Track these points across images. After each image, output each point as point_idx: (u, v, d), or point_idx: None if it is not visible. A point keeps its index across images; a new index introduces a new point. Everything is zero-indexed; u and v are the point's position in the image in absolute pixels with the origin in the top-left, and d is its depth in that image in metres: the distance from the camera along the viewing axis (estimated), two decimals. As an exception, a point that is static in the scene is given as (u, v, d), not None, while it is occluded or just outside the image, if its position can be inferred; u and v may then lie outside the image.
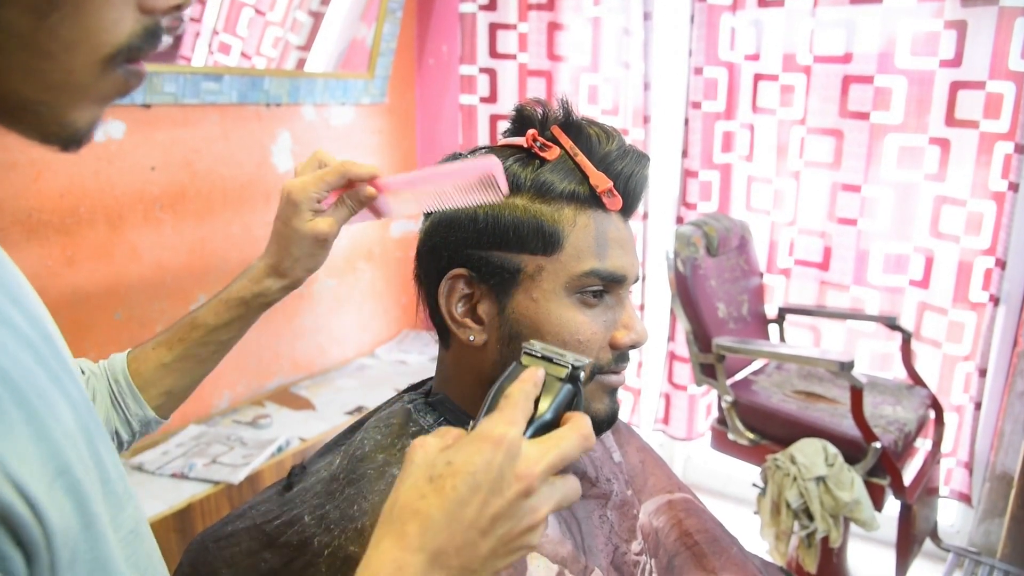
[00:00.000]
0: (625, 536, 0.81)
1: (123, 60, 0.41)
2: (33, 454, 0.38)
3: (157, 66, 1.92)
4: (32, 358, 0.42)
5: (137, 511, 0.51)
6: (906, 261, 2.15)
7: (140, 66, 0.43)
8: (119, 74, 0.42)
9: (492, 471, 0.46)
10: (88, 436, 0.45)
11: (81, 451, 0.43)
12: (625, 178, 0.71)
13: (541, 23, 2.43)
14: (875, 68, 2.06)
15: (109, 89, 0.42)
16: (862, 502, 1.77)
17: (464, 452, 0.47)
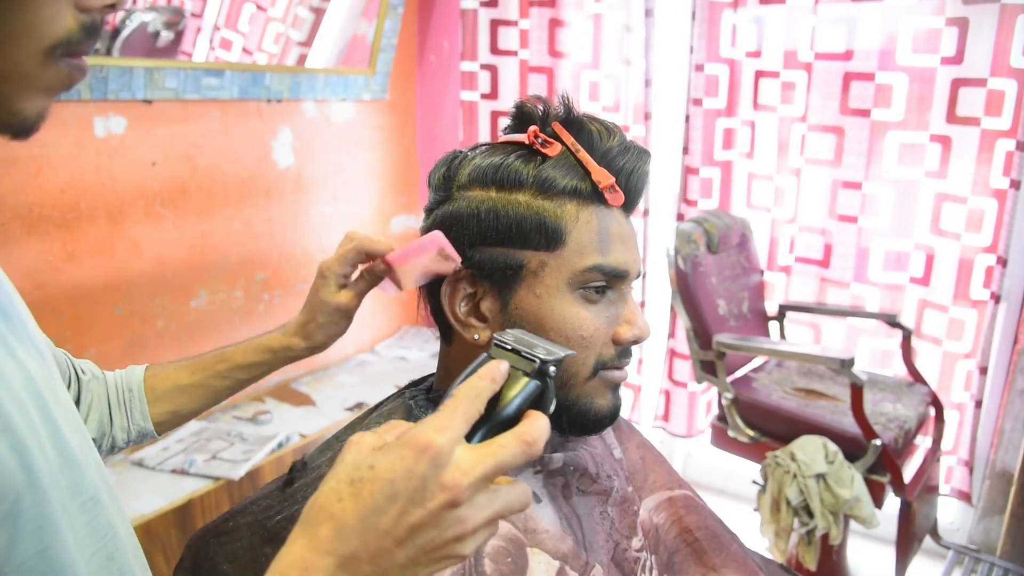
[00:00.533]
0: (626, 532, 0.82)
1: (63, 53, 0.45)
2: None
3: (158, 62, 1.92)
4: None
5: (102, 480, 0.55)
6: (907, 258, 2.15)
7: (81, 61, 0.48)
8: (61, 67, 0.46)
9: (413, 480, 0.44)
10: (42, 404, 0.49)
11: (30, 416, 0.46)
12: (627, 174, 0.71)
13: (542, 19, 2.43)
14: (876, 65, 2.06)
15: (53, 80, 0.46)
16: (862, 499, 1.77)
17: (388, 458, 0.45)
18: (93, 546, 0.52)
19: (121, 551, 0.56)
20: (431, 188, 0.75)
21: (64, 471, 0.50)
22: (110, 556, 0.54)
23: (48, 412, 0.49)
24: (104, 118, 1.84)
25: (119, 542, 0.56)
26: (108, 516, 0.55)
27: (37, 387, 0.49)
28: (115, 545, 0.55)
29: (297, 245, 2.41)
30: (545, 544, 0.71)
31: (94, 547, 0.52)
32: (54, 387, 0.53)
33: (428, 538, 0.44)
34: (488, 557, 0.67)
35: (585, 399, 0.71)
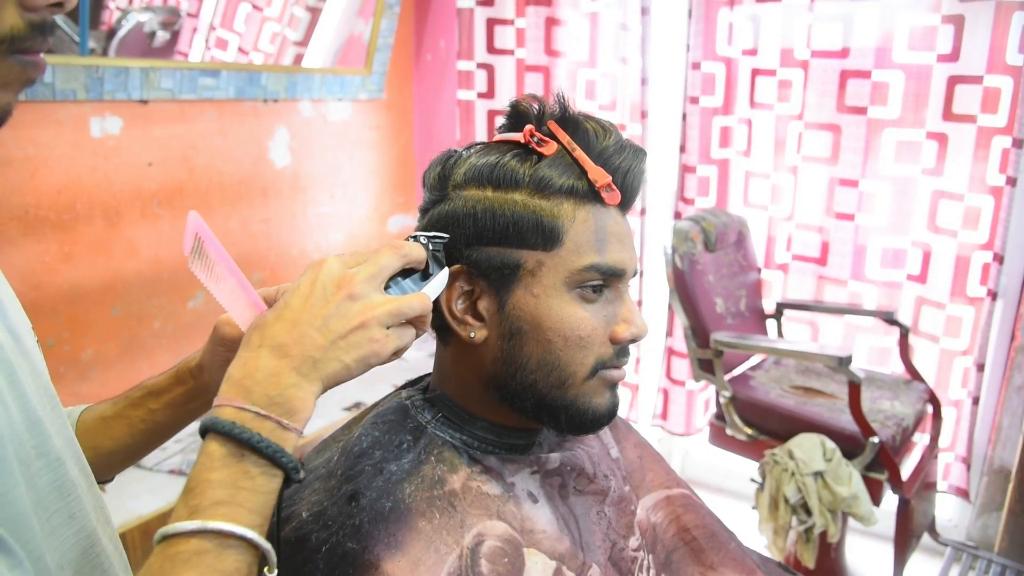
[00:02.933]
0: (623, 532, 0.82)
1: (9, 51, 0.47)
2: None
3: (154, 62, 1.92)
4: None
5: (69, 446, 0.60)
6: (904, 256, 2.15)
7: (36, 57, 0.49)
8: (12, 63, 0.48)
9: (316, 284, 0.56)
10: (8, 371, 0.53)
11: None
12: (623, 172, 0.70)
13: (539, 18, 2.43)
14: (873, 63, 2.06)
15: (7, 76, 0.48)
16: (860, 497, 1.77)
17: (296, 282, 0.58)
18: (56, 504, 0.56)
19: (82, 512, 0.59)
20: (426, 188, 0.74)
21: (30, 432, 0.54)
22: (71, 515, 0.58)
23: (15, 378, 0.53)
24: (100, 119, 1.84)
25: (80, 504, 0.59)
26: (72, 478, 0.58)
27: (5, 356, 0.53)
28: (77, 505, 0.58)
29: (294, 245, 2.41)
30: (542, 544, 0.71)
31: (56, 505, 0.56)
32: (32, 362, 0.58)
33: (338, 325, 0.55)
34: (485, 558, 0.67)
35: (583, 398, 0.71)
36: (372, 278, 0.58)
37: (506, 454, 0.74)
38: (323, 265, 0.57)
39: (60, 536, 0.56)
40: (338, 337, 0.55)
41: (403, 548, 0.63)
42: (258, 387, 0.53)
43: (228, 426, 0.51)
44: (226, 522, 0.49)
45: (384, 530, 0.63)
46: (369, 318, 0.56)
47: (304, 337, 0.54)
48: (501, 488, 0.72)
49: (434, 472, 0.69)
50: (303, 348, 0.54)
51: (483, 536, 0.68)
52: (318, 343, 0.54)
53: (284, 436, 0.53)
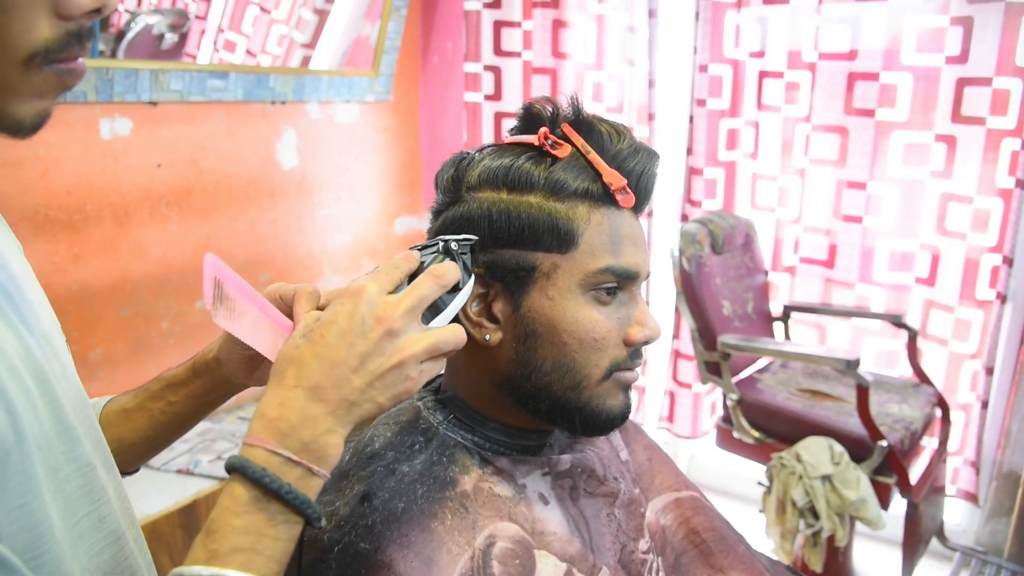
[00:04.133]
0: (632, 534, 0.81)
1: (45, 61, 0.46)
2: None
3: (164, 64, 1.93)
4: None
5: (99, 450, 0.60)
6: (912, 259, 2.15)
7: (74, 64, 0.48)
8: (48, 73, 0.47)
9: (355, 317, 0.54)
10: (41, 377, 0.52)
11: (26, 384, 0.50)
12: (637, 175, 0.71)
13: (546, 20, 2.43)
14: (881, 65, 2.05)
15: (42, 85, 0.47)
16: (868, 501, 1.77)
17: (331, 308, 0.56)
18: (85, 508, 0.56)
19: (112, 517, 0.59)
20: (439, 190, 0.74)
21: (60, 438, 0.53)
22: (101, 519, 0.58)
23: (47, 384, 0.53)
24: (110, 120, 1.85)
25: (110, 508, 0.59)
26: (102, 483, 0.58)
27: (37, 361, 0.52)
28: (107, 510, 0.58)
29: (301, 246, 2.41)
30: (552, 546, 0.71)
31: (86, 509, 0.56)
32: (63, 365, 0.58)
33: (375, 365, 0.54)
34: (496, 559, 0.67)
35: (597, 400, 0.71)
36: (411, 311, 0.56)
37: (518, 455, 0.74)
38: (362, 296, 0.55)
39: (89, 541, 0.56)
40: (375, 378, 0.54)
41: (415, 549, 0.63)
42: (293, 431, 0.52)
43: (259, 473, 0.51)
44: (242, 572, 0.49)
45: (397, 531, 0.63)
46: (407, 356, 0.55)
47: (341, 380, 0.53)
48: (512, 489, 0.72)
49: (446, 473, 0.69)
50: (340, 392, 0.53)
51: (495, 537, 0.68)
52: (355, 386, 0.53)
53: (311, 483, 0.53)
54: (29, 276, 0.61)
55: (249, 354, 0.71)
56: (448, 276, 0.60)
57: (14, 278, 0.55)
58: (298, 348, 0.55)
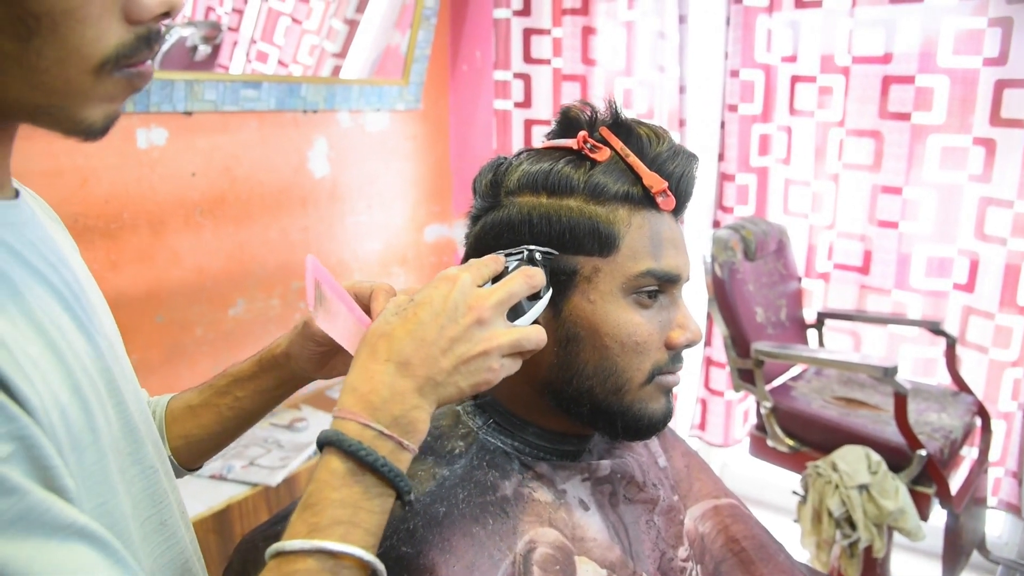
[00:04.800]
0: (672, 542, 0.80)
1: (115, 67, 0.46)
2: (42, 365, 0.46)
3: (197, 74, 1.96)
4: (60, 305, 0.51)
5: (158, 453, 0.61)
6: (950, 264, 2.10)
7: (143, 67, 0.49)
8: (118, 78, 0.47)
9: (448, 301, 0.56)
10: (109, 377, 0.54)
11: (97, 386, 0.52)
12: (676, 178, 0.70)
13: (575, 28, 2.43)
14: (916, 68, 2.02)
15: (113, 90, 0.48)
16: (907, 511, 1.73)
17: (425, 290, 0.57)
18: (148, 511, 0.58)
19: (173, 520, 0.61)
20: (477, 195, 0.74)
21: (127, 439, 0.56)
22: (163, 522, 0.59)
23: (115, 385, 0.55)
24: (146, 130, 1.88)
25: (171, 511, 0.61)
26: (163, 487, 0.60)
27: (106, 364, 0.54)
28: (168, 513, 0.60)
29: (332, 254, 2.43)
30: (593, 552, 0.71)
31: (148, 512, 0.58)
32: (123, 367, 0.59)
33: (463, 350, 0.55)
34: (537, 565, 0.66)
35: (639, 404, 0.70)
36: (501, 304, 0.58)
37: (557, 461, 0.74)
38: (457, 281, 0.57)
39: (153, 542, 0.57)
40: (461, 362, 0.55)
41: (457, 553, 0.63)
42: (384, 405, 0.53)
43: (355, 445, 0.52)
44: (343, 543, 0.49)
45: (438, 535, 0.63)
46: (493, 347, 0.56)
47: (430, 359, 0.54)
48: (552, 495, 0.71)
49: (486, 478, 0.69)
50: (428, 369, 0.54)
51: (535, 543, 0.67)
52: (442, 366, 0.55)
53: (402, 456, 0.54)
54: (89, 278, 0.62)
55: (322, 350, 0.73)
56: (537, 279, 0.61)
57: (79, 280, 0.56)
58: (389, 324, 0.56)
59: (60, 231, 0.64)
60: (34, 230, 0.53)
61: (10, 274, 0.47)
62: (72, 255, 0.60)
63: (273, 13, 2.12)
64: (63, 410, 0.47)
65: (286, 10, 2.15)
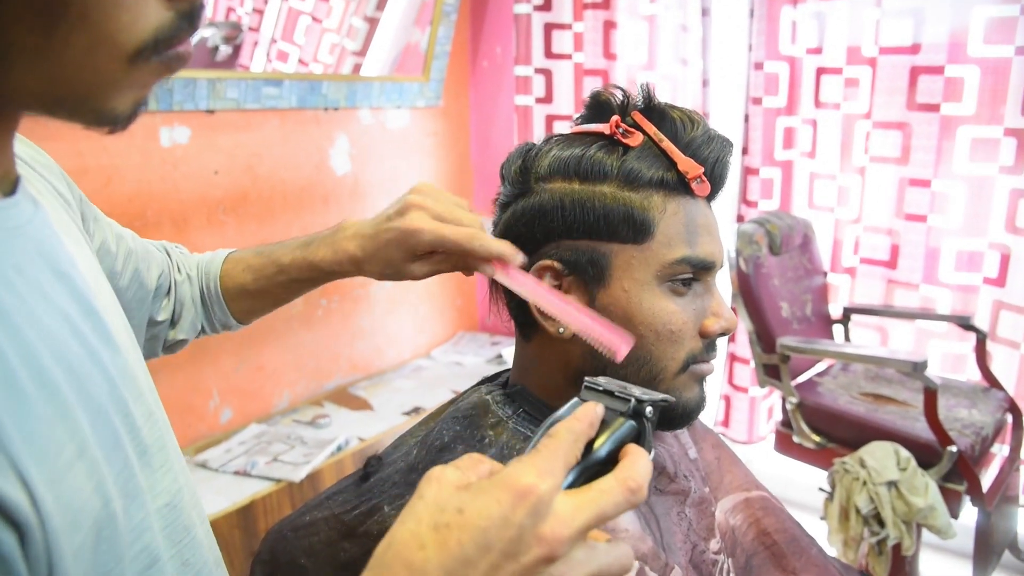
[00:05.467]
0: (703, 534, 0.79)
1: (152, 53, 0.40)
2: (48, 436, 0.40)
3: (220, 73, 1.97)
4: (69, 332, 0.44)
5: (176, 484, 0.54)
6: (980, 258, 2.07)
7: (182, 47, 0.42)
8: (155, 63, 0.41)
9: (510, 529, 0.39)
10: (123, 410, 0.48)
11: (113, 424, 0.46)
12: (711, 163, 0.69)
13: (597, 22, 2.41)
14: (945, 58, 1.99)
15: (147, 77, 0.42)
16: (937, 508, 1.70)
17: (480, 501, 0.40)
18: (169, 551, 0.52)
19: (198, 554, 0.55)
20: (506, 182, 0.73)
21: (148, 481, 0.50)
22: (186, 561, 0.54)
23: (132, 423, 0.49)
24: (169, 128, 1.89)
25: (196, 545, 0.55)
26: (184, 522, 0.54)
27: (122, 397, 0.48)
28: (191, 550, 0.55)
29: (354, 251, 2.43)
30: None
31: (170, 552, 0.52)
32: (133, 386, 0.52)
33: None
34: (567, 555, 0.65)
35: (674, 393, 0.69)
36: (585, 530, 0.41)
37: None
38: (527, 500, 0.40)
39: None
40: None
41: None
42: None
43: None
44: None
45: None
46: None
47: None
48: (583, 485, 0.70)
49: (516, 467, 0.68)
50: None
51: (565, 534, 0.66)
52: None
53: None
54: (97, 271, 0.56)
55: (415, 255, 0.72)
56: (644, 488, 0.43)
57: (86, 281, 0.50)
58: (423, 549, 0.40)
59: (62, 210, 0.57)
60: (39, 230, 0.46)
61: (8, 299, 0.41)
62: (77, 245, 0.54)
63: (293, 12, 2.13)
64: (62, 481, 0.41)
65: (306, 9, 2.15)
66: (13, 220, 0.44)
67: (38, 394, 0.40)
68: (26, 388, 0.40)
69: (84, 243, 0.58)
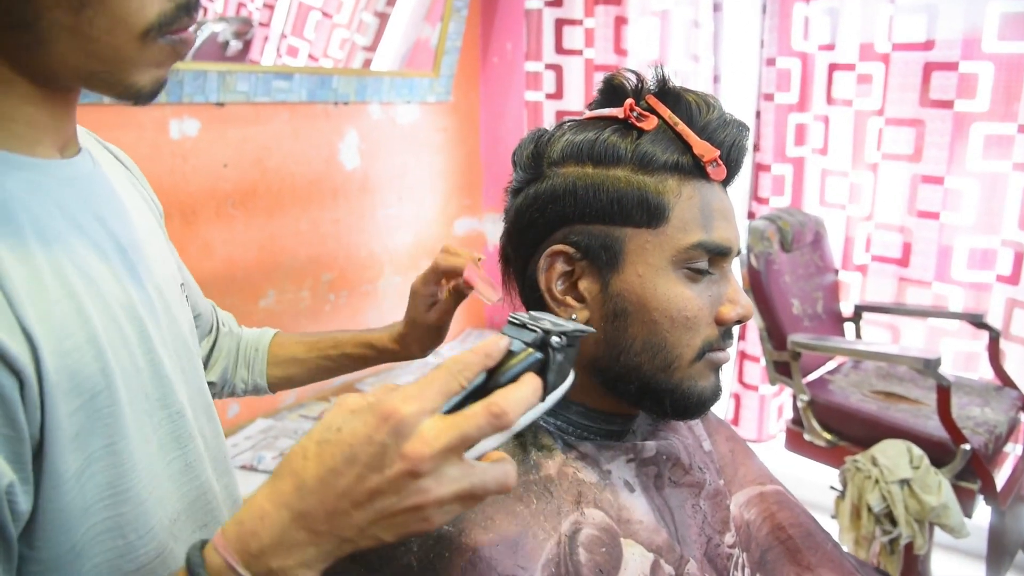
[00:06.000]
0: (718, 527, 0.78)
1: (158, 34, 0.51)
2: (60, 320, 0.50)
3: (230, 65, 1.96)
4: (97, 257, 0.55)
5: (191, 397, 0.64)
6: (993, 256, 2.05)
7: (185, 34, 0.53)
8: (162, 44, 0.52)
9: (372, 446, 0.44)
10: (140, 328, 0.57)
11: (124, 330, 0.55)
12: (727, 147, 0.68)
13: (608, 18, 2.40)
14: (959, 54, 1.97)
15: (159, 56, 0.53)
16: (951, 507, 1.68)
17: (354, 422, 0.46)
18: (173, 452, 0.60)
19: (200, 462, 0.63)
20: (517, 167, 0.73)
21: (154, 384, 0.58)
22: (188, 464, 0.62)
23: (145, 334, 0.58)
24: (179, 120, 1.88)
25: (199, 453, 0.63)
26: (190, 430, 0.62)
27: (138, 313, 0.58)
28: (194, 455, 0.62)
29: (363, 246, 2.42)
30: (639, 535, 0.68)
31: (174, 453, 0.60)
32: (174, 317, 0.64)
33: (386, 504, 0.45)
34: (582, 546, 0.64)
35: (689, 381, 0.68)
36: (448, 452, 0.45)
37: (601, 440, 0.72)
38: (389, 421, 0.44)
39: (177, 482, 0.61)
40: (382, 517, 0.45)
41: (500, 532, 0.61)
42: (262, 554, 0.45)
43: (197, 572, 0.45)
44: None
45: (480, 512, 0.61)
46: (430, 500, 0.45)
47: (339, 513, 0.45)
48: (597, 475, 0.69)
49: (529, 456, 0.67)
50: (334, 525, 0.45)
51: (580, 524, 0.65)
52: (354, 522, 0.45)
53: None
54: (154, 234, 0.67)
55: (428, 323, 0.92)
56: (511, 414, 0.46)
57: (133, 234, 0.61)
58: (305, 459, 0.46)
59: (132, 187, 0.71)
60: (89, 185, 0.58)
61: (50, 226, 0.52)
62: (139, 211, 0.66)
63: (304, 8, 2.12)
64: (67, 356, 0.50)
65: (316, 4, 2.15)
66: (67, 174, 0.56)
67: (59, 291, 0.50)
68: (47, 283, 0.50)
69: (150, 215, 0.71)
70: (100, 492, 0.52)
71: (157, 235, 0.69)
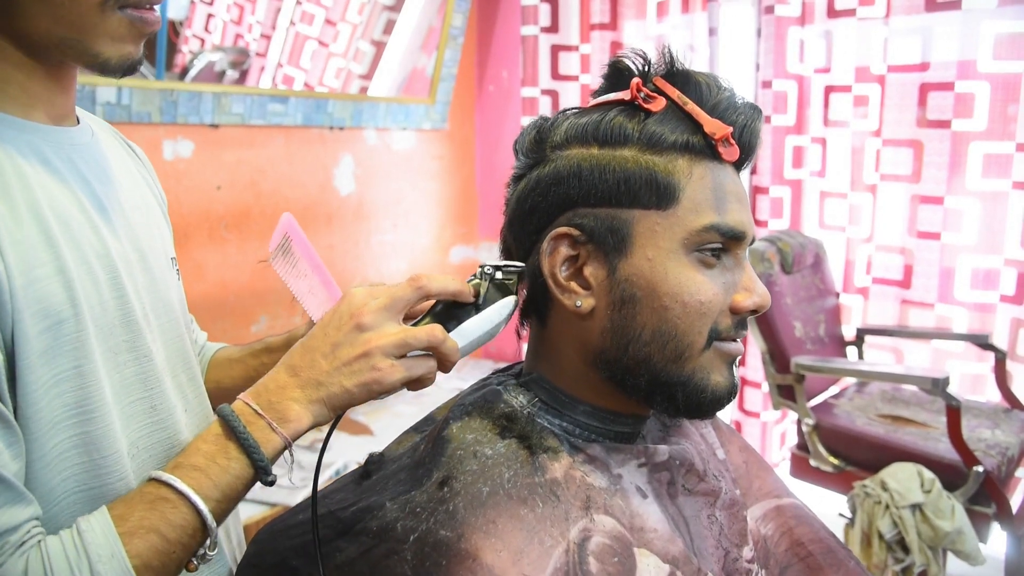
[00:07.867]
0: (736, 540, 0.73)
1: (117, 5, 0.55)
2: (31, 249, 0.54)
3: (226, 87, 1.95)
4: (76, 208, 0.59)
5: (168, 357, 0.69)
6: (996, 275, 2.02)
7: (147, 12, 0.58)
8: (122, 17, 0.56)
9: (335, 314, 0.61)
10: (112, 271, 0.61)
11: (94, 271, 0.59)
12: (740, 128, 0.64)
13: (604, 43, 2.41)
14: (955, 75, 1.97)
15: (119, 29, 0.57)
16: (965, 532, 1.63)
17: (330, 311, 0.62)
18: (138, 393, 0.64)
19: (169, 411, 0.67)
20: (520, 154, 0.69)
21: (123, 327, 0.62)
22: (153, 406, 0.66)
23: (118, 280, 0.62)
24: (173, 141, 1.86)
25: (165, 397, 0.67)
26: (158, 375, 0.66)
27: (111, 261, 0.61)
28: (160, 399, 0.66)
29: (357, 273, 2.39)
30: (654, 544, 0.64)
31: (139, 394, 0.64)
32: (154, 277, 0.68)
33: (344, 352, 0.59)
34: (593, 555, 0.60)
35: (701, 374, 0.64)
36: (384, 309, 0.60)
37: (610, 443, 0.67)
38: (346, 296, 0.62)
39: (140, 422, 0.64)
40: (342, 364, 0.59)
41: (503, 537, 0.57)
42: (265, 392, 0.60)
43: (228, 413, 0.58)
44: (185, 484, 0.56)
45: (482, 516, 0.57)
46: (373, 348, 0.58)
47: (313, 362, 0.60)
48: (607, 480, 0.65)
49: (534, 458, 0.63)
50: (310, 371, 0.60)
51: (590, 531, 0.61)
52: (323, 368, 0.59)
53: (270, 438, 0.59)
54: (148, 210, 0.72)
55: None
56: (427, 286, 0.61)
57: (118, 198, 0.66)
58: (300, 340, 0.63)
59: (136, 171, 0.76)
60: (79, 151, 0.63)
61: (32, 175, 0.57)
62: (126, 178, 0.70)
63: (300, 37, 2.12)
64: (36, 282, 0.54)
65: (313, 34, 2.15)
66: (59, 138, 0.61)
67: (33, 227, 0.55)
68: (23, 217, 0.54)
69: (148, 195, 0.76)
70: (68, 410, 0.56)
71: (152, 212, 0.74)
